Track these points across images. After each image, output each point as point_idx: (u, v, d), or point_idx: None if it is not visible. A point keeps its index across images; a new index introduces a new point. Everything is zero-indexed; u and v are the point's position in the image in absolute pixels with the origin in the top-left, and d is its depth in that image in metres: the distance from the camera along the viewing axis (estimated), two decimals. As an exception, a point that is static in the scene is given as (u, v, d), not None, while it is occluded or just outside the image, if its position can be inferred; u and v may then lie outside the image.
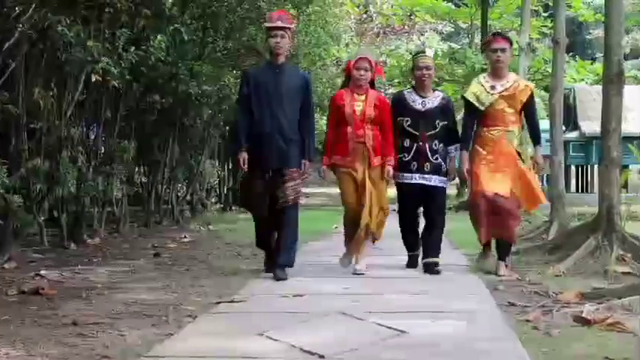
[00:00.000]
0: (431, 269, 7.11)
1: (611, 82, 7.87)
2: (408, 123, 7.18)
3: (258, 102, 6.81)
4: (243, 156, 6.81)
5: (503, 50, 7.19)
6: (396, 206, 7.38)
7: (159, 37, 9.04)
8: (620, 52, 7.96)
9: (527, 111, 7.25)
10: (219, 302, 5.63)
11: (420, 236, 7.46)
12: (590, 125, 21.99)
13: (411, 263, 7.44)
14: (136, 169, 13.51)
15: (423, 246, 7.40)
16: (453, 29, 36.81)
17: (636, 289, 5.52)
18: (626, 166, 19.74)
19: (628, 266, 7.14)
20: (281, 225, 6.86)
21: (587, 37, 41.37)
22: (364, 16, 34.05)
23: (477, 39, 26.84)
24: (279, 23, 6.81)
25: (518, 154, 7.13)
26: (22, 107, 8.46)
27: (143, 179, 13.95)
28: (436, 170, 7.20)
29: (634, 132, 20.13)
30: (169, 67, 10.78)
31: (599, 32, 33.70)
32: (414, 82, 7.52)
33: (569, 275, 6.98)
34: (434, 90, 7.52)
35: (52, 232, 9.54)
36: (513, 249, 7.53)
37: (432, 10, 28.64)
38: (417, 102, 7.26)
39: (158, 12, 8.87)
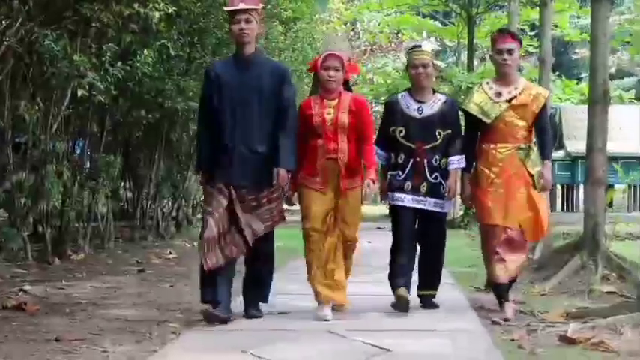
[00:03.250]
0: (428, 302, 6.22)
1: (597, 102, 7.91)
2: (402, 134, 5.97)
3: (220, 105, 5.57)
4: (205, 177, 5.70)
5: (510, 52, 5.97)
6: (382, 224, 6.84)
7: (145, 52, 9.02)
8: (605, 72, 7.99)
9: (539, 123, 6.08)
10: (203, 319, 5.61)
11: (412, 271, 6.15)
12: (576, 145, 22.04)
13: (399, 305, 5.91)
14: (122, 184, 13.47)
15: (418, 275, 6.29)
16: (439, 47, 36.98)
17: (621, 309, 5.54)
18: (611, 186, 19.81)
19: (612, 285, 7.16)
20: (253, 258, 5.72)
21: (573, 56, 41.61)
22: (351, 33, 34.15)
23: (464, 57, 26.95)
24: (241, 5, 5.53)
25: (531, 176, 6.00)
26: (7, 121, 8.44)
27: (129, 195, 13.92)
28: (434, 191, 5.98)
29: (619, 152, 20.18)
30: (156, 83, 10.76)
31: (584, 52, 33.91)
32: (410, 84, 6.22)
33: (554, 294, 6.98)
34: (434, 92, 6.15)
35: (36, 247, 9.47)
36: None
37: (418, 28, 28.78)
38: (412, 107, 6.01)
39: (145, 27, 8.85)
